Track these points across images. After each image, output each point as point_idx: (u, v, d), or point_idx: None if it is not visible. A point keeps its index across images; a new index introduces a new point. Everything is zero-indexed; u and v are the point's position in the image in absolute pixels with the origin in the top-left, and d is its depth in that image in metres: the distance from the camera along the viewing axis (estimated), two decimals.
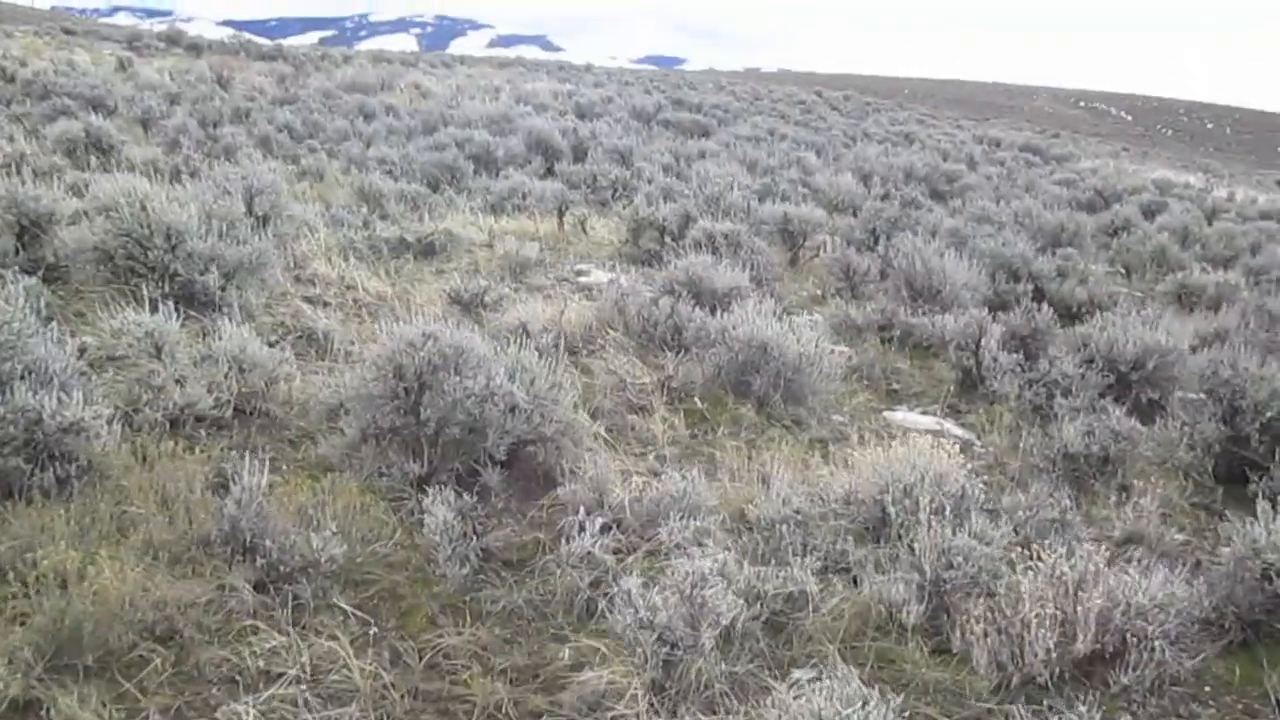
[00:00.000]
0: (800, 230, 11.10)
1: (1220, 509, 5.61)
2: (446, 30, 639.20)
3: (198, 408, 4.75)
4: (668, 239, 10.57)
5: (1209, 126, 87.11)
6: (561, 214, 11.58)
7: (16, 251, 7.03)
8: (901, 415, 6.83)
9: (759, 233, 10.76)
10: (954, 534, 3.79)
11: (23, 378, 4.27)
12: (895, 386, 7.45)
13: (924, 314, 8.62)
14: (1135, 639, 3.25)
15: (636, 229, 10.73)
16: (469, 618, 3.64)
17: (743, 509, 4.51)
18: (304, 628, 3.43)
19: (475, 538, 3.86)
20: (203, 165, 11.88)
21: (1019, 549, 3.88)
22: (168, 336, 5.08)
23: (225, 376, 4.98)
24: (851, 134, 34.58)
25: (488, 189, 13.39)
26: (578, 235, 11.45)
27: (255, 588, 3.51)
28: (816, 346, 6.27)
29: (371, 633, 3.49)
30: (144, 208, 6.45)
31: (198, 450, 4.52)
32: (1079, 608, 3.25)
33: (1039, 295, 9.95)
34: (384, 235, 9.96)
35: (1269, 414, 5.82)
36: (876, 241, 11.93)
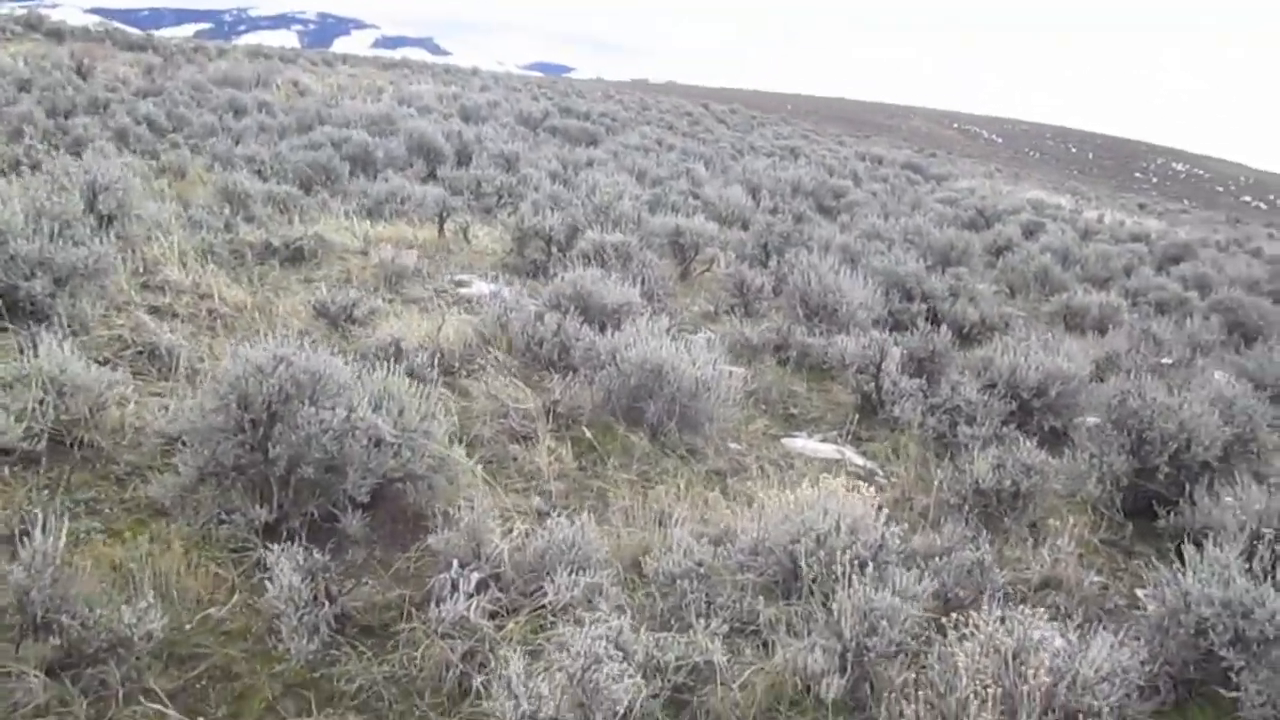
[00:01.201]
0: (692, 244, 10.72)
1: (1130, 546, 5.41)
2: (330, 29, 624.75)
3: (3, 440, 4.04)
4: (554, 250, 10.07)
5: (1073, 151, 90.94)
6: (442, 221, 10.96)
7: None
8: (801, 443, 6.47)
9: (649, 245, 10.34)
10: (875, 592, 3.38)
11: None
12: (793, 411, 7.10)
13: (820, 334, 8.32)
14: (1082, 716, 2.90)
15: (522, 239, 10.19)
16: (317, 701, 3.07)
17: (638, 559, 4.04)
18: None
19: (328, 602, 3.28)
20: (46, 157, 10.86)
21: (942, 606, 3.50)
22: None
23: (40, 402, 4.27)
24: (738, 147, 34.71)
25: (365, 192, 12.65)
26: (459, 244, 10.84)
27: (48, 673, 2.87)
28: (714, 370, 5.84)
29: None
30: None
31: None
32: (1022, 685, 2.88)
33: (933, 316, 9.79)
34: (248, 239, 9.20)
35: (1175, 446, 5.65)
36: (769, 257, 11.66)
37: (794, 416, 7.02)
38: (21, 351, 4.87)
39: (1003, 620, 3.11)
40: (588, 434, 5.58)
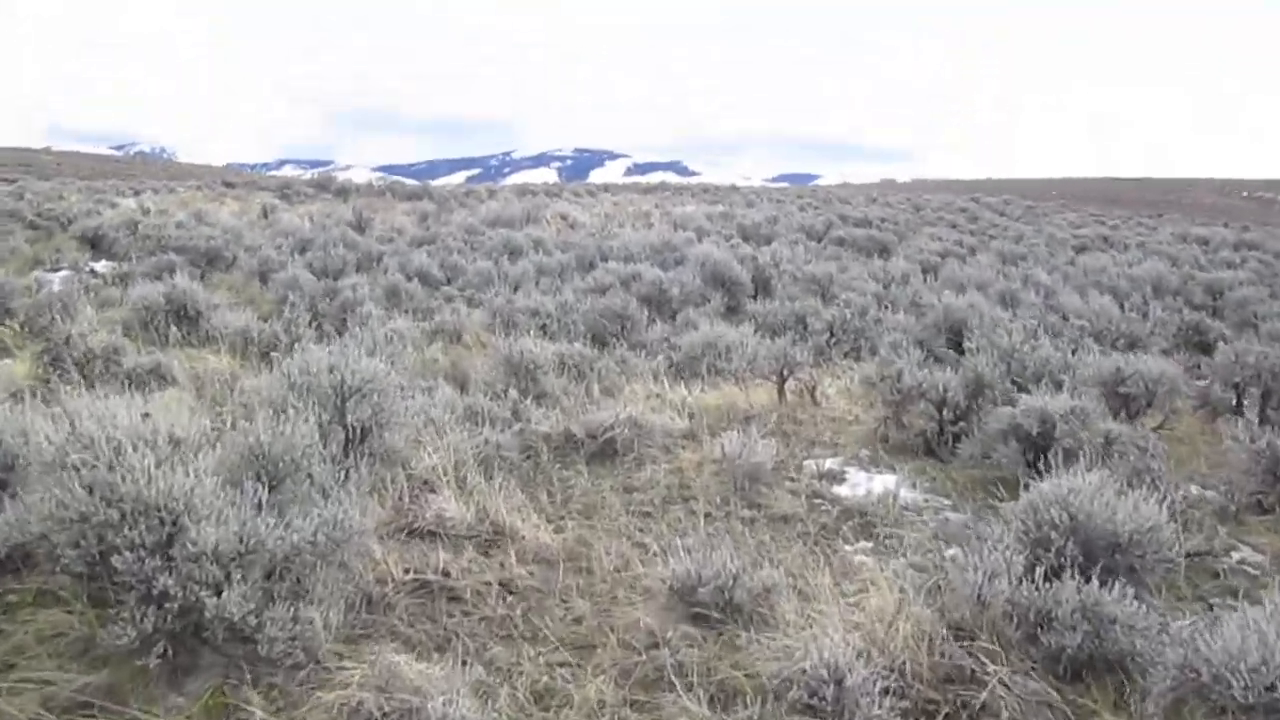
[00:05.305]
0: (1143, 392, 7.48)
1: None
2: (585, 162, 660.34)
3: None
4: (948, 416, 7.14)
5: None
6: (783, 380, 8.29)
7: None
8: None
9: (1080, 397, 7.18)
10: None
11: None
12: None
13: None
14: None
15: (899, 402, 7.32)
16: None
17: None
18: None
19: None
20: (306, 331, 9.18)
21: None
22: None
23: None
24: (1045, 242, 30.61)
25: (668, 341, 10.31)
26: (806, 408, 8.13)
27: None
28: None
29: None
30: (114, 464, 3.42)
31: None
32: None
33: None
34: (542, 429, 6.88)
35: None
36: (1240, 402, 8.21)
37: None
38: None
39: None
40: None
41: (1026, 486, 4.85)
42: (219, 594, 3.34)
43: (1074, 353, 7.67)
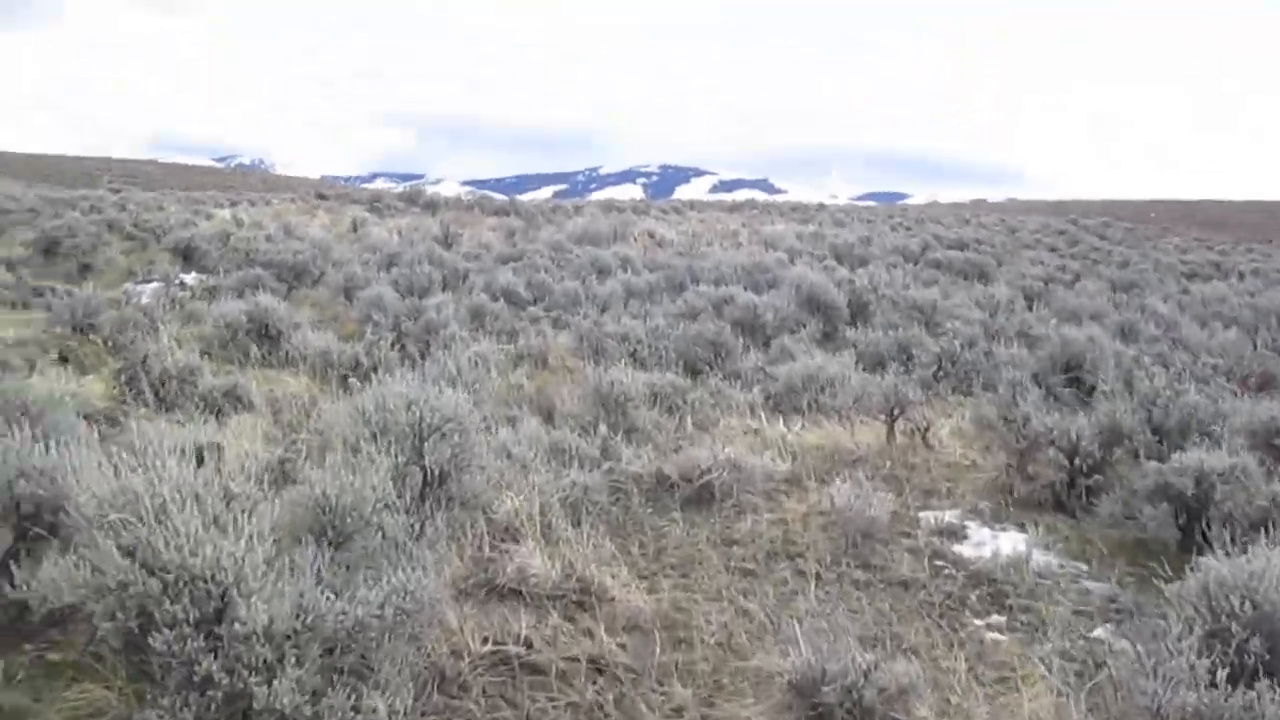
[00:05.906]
0: None
1: None
2: (671, 178, 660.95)
3: None
4: (1080, 466, 6.43)
5: None
6: (893, 420, 7.65)
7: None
8: None
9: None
10: None
11: None
12: None
13: None
14: None
15: (1024, 450, 6.65)
16: None
17: None
18: None
19: None
20: (388, 354, 8.84)
21: None
22: None
23: None
24: (1153, 267, 29.21)
25: (764, 371, 9.73)
26: (916, 450, 7.49)
27: None
28: None
29: None
30: (158, 521, 3.00)
31: None
32: None
33: None
34: (633, 469, 6.39)
35: None
36: None
37: None
38: None
39: None
40: None
41: (1194, 566, 4.18)
42: (270, 680, 2.90)
43: (1222, 399, 6.87)
